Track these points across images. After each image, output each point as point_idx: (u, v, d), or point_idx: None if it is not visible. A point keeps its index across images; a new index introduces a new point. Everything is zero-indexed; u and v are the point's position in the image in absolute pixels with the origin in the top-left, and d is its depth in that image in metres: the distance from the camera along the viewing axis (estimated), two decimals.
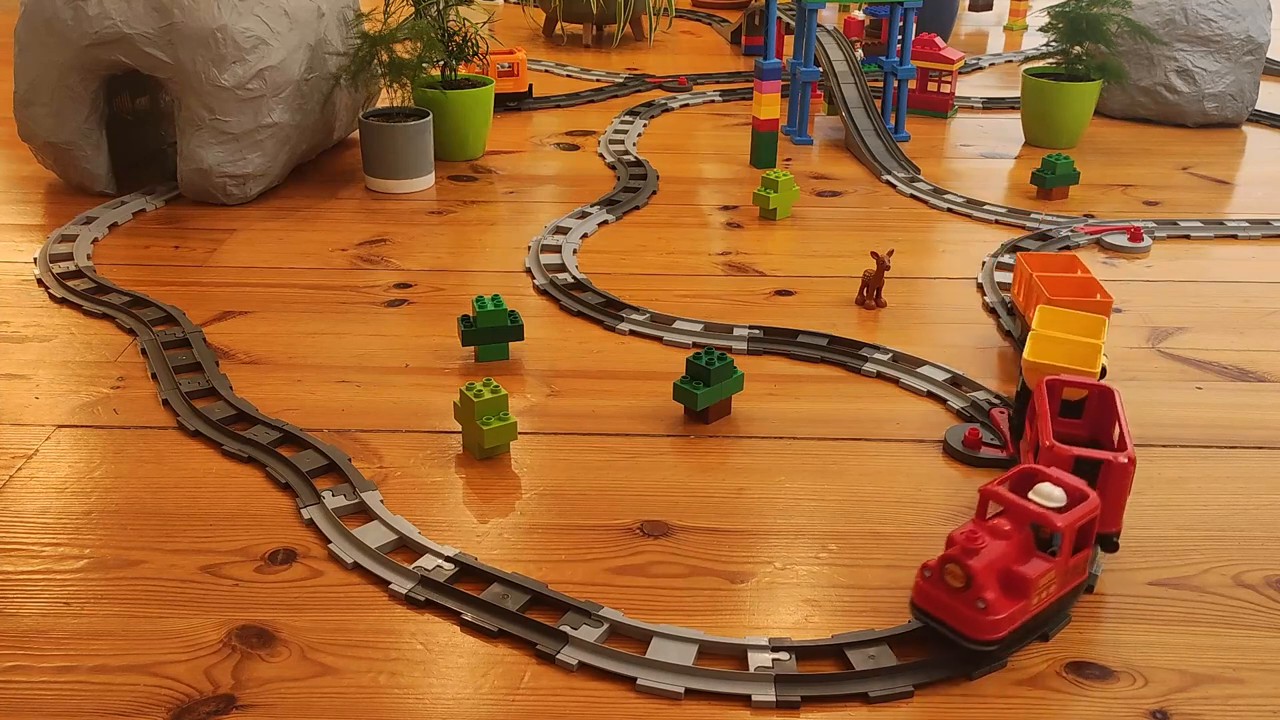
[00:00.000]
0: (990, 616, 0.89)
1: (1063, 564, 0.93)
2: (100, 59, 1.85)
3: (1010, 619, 0.90)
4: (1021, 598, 0.90)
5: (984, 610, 0.89)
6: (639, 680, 0.90)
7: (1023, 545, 0.92)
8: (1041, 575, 0.91)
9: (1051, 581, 0.92)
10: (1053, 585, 0.93)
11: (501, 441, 1.20)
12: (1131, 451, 0.99)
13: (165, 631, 0.95)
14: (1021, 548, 0.92)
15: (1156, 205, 2.04)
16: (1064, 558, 0.93)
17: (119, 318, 1.52)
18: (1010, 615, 0.90)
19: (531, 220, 1.92)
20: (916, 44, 2.56)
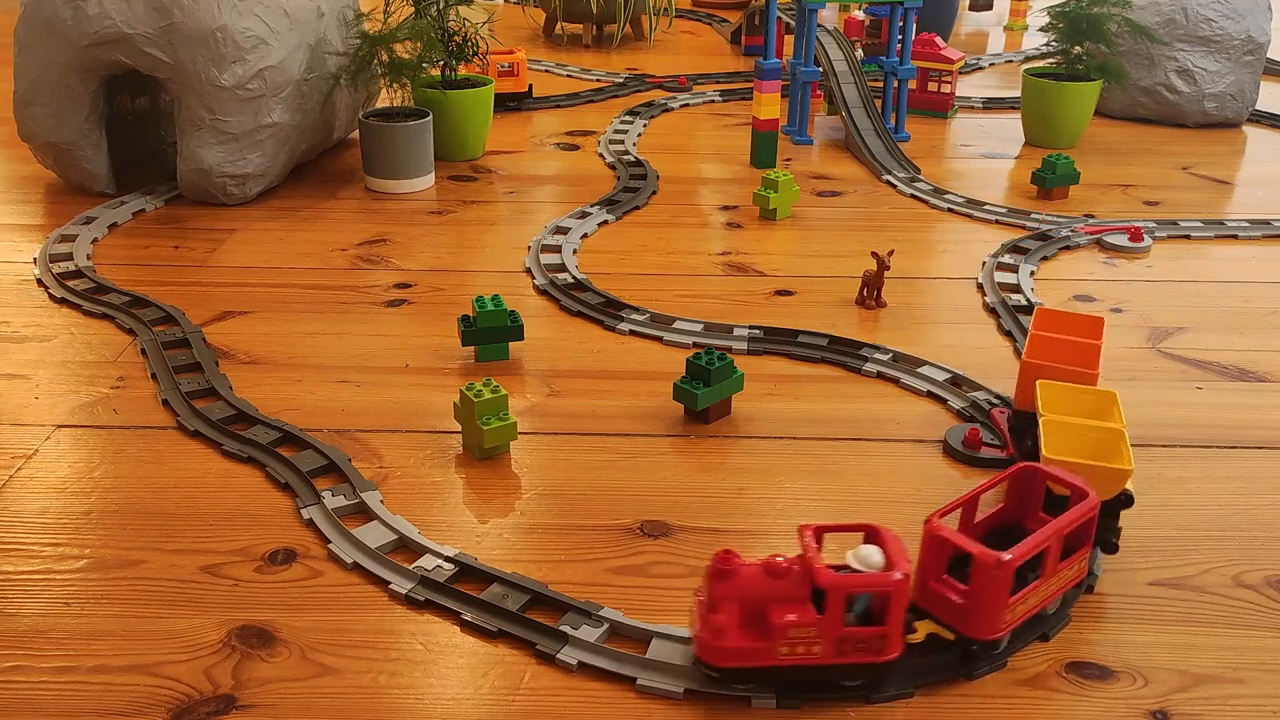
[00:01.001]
0: (717, 642, 0.85)
1: (831, 625, 0.85)
2: (100, 59, 1.85)
3: (740, 654, 0.85)
4: (763, 639, 0.85)
5: (713, 634, 0.86)
6: (639, 680, 0.90)
7: (793, 590, 0.85)
8: (792, 625, 0.84)
9: (813, 639, 0.85)
10: (816, 645, 0.85)
11: (501, 441, 1.20)
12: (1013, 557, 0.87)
13: (165, 631, 0.95)
14: (791, 592, 0.85)
15: (1156, 205, 2.04)
16: (832, 619, 0.85)
17: (119, 318, 1.52)
18: (740, 650, 0.85)
19: (531, 220, 1.92)
20: (916, 44, 2.56)
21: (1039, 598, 0.93)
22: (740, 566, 0.86)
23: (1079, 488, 0.94)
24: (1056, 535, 0.90)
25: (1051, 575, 0.92)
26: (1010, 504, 0.99)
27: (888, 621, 0.86)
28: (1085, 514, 0.93)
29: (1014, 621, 0.91)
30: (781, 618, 0.85)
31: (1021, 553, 0.87)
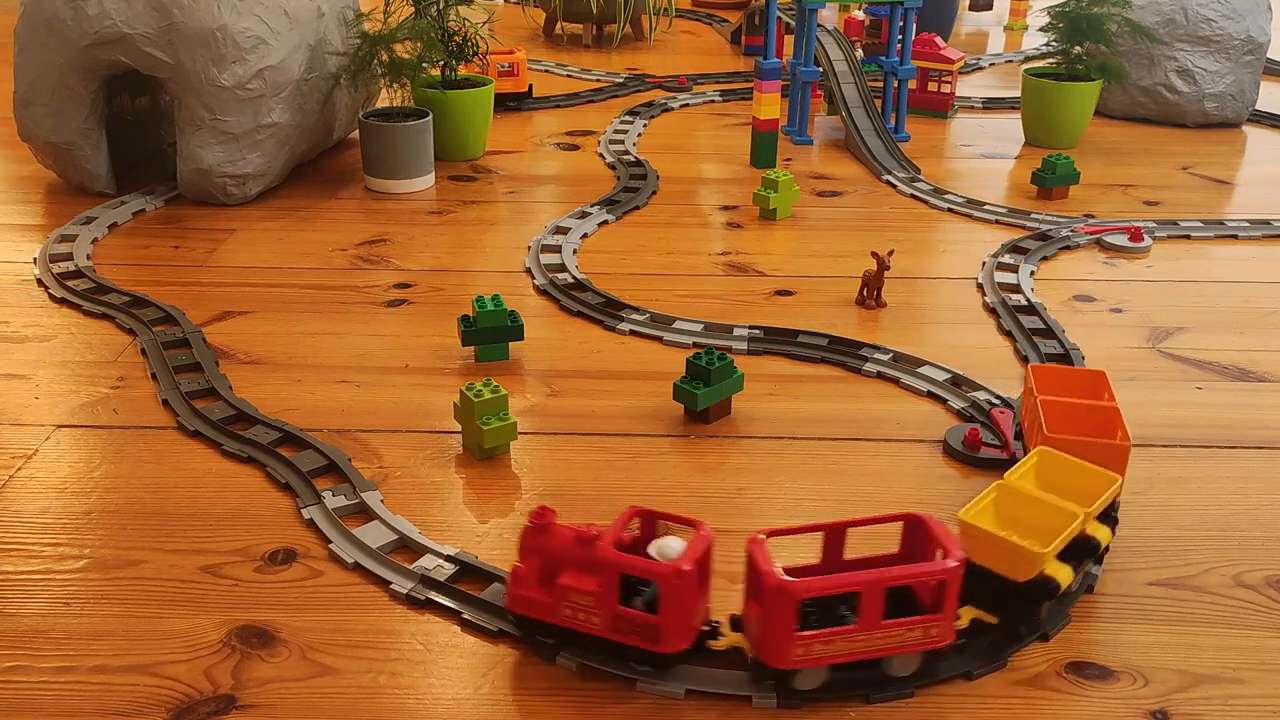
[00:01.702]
0: (514, 588, 0.91)
1: (606, 600, 0.87)
2: (100, 59, 1.85)
3: (529, 604, 0.90)
4: (550, 596, 0.89)
5: (513, 580, 0.91)
6: (639, 681, 0.90)
7: (591, 561, 0.88)
8: (571, 590, 0.88)
9: (592, 610, 0.88)
10: (595, 616, 0.88)
11: (501, 441, 1.20)
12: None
13: (165, 631, 0.95)
14: (589, 562, 0.88)
15: (1156, 205, 2.04)
16: (607, 594, 0.87)
17: (119, 318, 1.52)
18: (529, 600, 0.90)
19: (531, 220, 1.92)
20: (916, 44, 2.56)
21: (856, 646, 0.86)
22: (553, 526, 0.91)
23: (949, 550, 0.87)
24: (871, 584, 0.84)
25: (875, 628, 0.86)
26: (902, 549, 0.94)
27: (661, 612, 0.86)
28: (924, 574, 0.86)
29: (818, 659, 0.86)
30: (572, 581, 0.88)
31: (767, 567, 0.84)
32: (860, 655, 0.87)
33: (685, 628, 0.88)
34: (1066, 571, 0.92)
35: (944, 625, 0.88)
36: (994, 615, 0.93)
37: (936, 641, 0.88)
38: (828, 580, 0.85)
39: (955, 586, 0.86)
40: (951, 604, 0.87)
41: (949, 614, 0.87)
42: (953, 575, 0.86)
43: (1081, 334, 1.50)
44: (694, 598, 0.87)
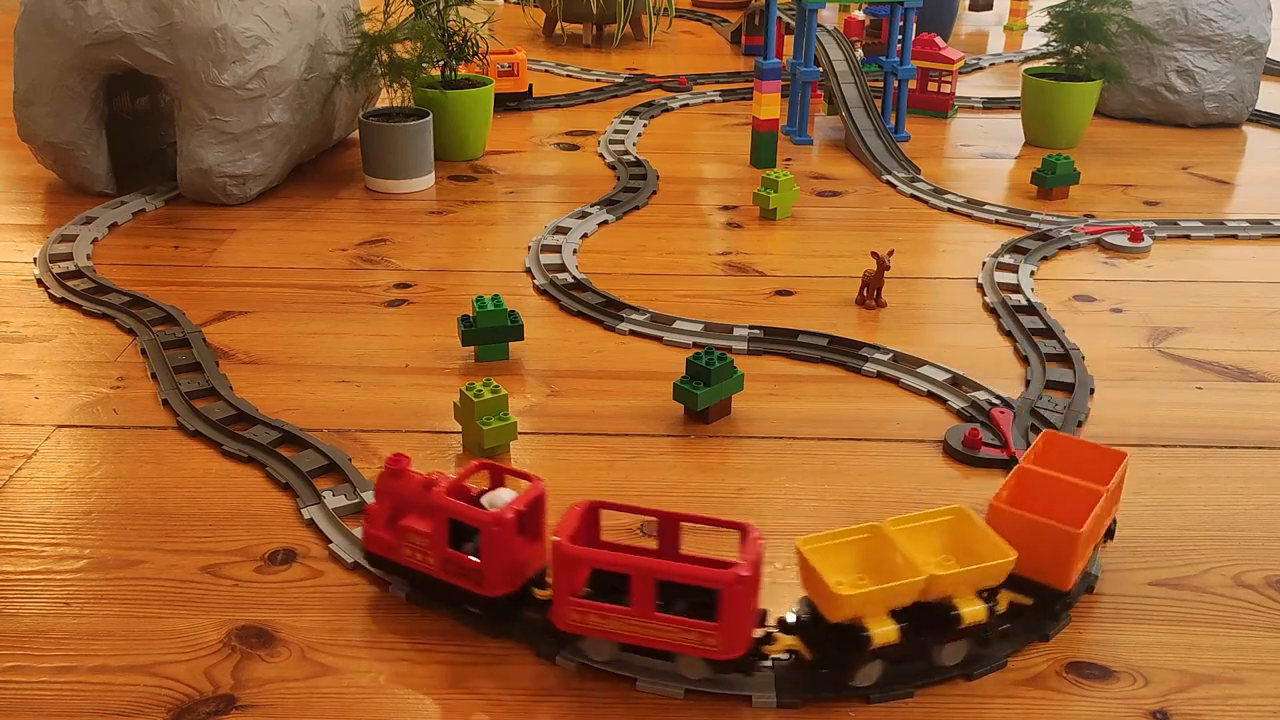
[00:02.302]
0: (367, 525, 0.98)
1: (437, 542, 0.94)
2: (100, 59, 1.85)
3: (377, 542, 0.98)
4: (394, 536, 0.96)
5: (367, 518, 0.98)
6: (639, 681, 0.90)
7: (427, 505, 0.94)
8: (411, 531, 0.95)
9: (427, 550, 0.94)
10: (430, 557, 0.95)
11: (501, 441, 1.20)
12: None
13: (165, 631, 0.95)
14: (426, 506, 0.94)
15: (1156, 205, 2.04)
16: (437, 536, 0.93)
17: (119, 318, 1.52)
18: (378, 539, 0.97)
19: (531, 220, 1.92)
20: (916, 44, 2.56)
21: (631, 629, 0.87)
22: (406, 472, 0.97)
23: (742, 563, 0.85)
24: (639, 570, 0.85)
25: (649, 617, 0.86)
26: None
27: (482, 557, 0.91)
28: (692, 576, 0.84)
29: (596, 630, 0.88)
30: (405, 521, 0.95)
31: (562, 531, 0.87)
32: (640, 641, 0.88)
33: (508, 574, 0.92)
34: (890, 631, 0.85)
35: (722, 636, 0.85)
36: (809, 652, 0.88)
37: (715, 652, 0.86)
38: (600, 553, 0.88)
39: (734, 599, 0.83)
40: (731, 617, 0.84)
41: (727, 626, 0.84)
42: (729, 587, 0.83)
43: (1081, 334, 1.50)
44: (514, 546, 0.92)
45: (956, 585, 0.87)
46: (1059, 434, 1.06)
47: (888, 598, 0.85)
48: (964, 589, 0.88)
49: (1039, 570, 0.93)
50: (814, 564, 0.86)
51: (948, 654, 0.90)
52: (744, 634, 0.86)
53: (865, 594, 0.85)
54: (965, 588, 0.88)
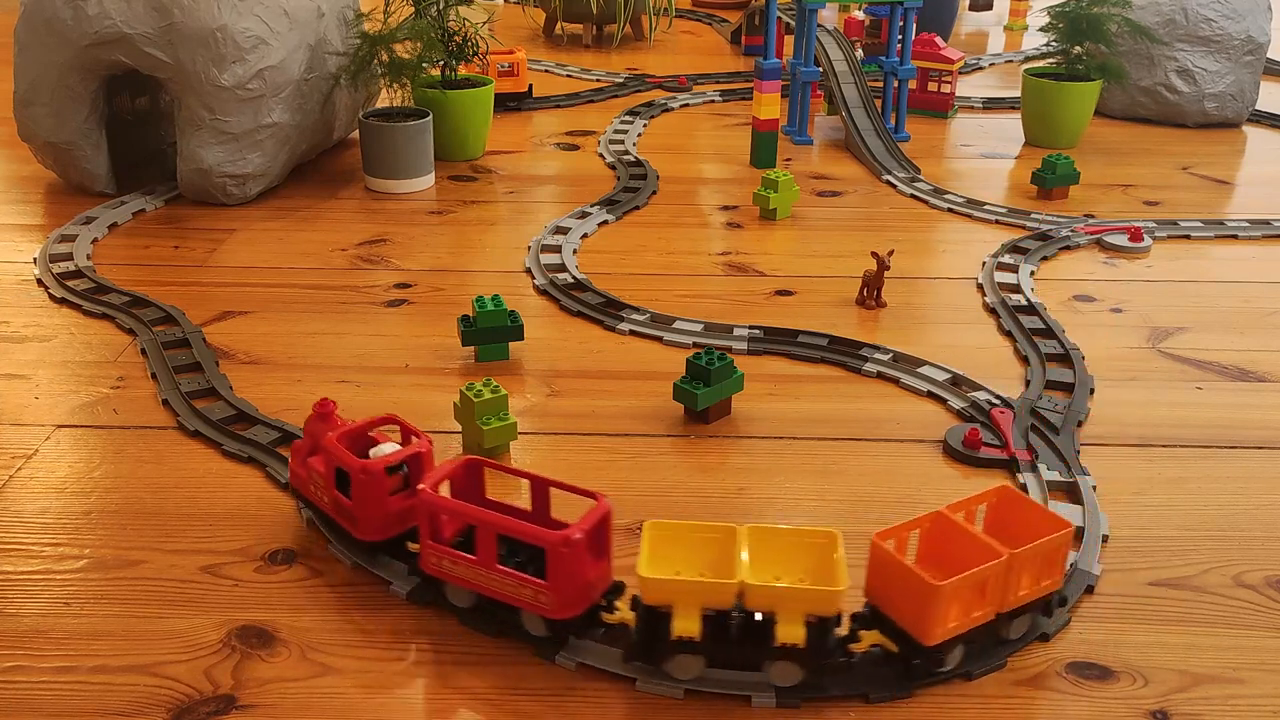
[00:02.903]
0: (290, 461, 1.08)
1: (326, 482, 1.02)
2: (100, 59, 1.85)
3: (295, 476, 1.07)
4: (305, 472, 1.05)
5: (291, 453, 1.08)
6: (639, 681, 0.90)
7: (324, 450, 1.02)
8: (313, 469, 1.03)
9: (323, 489, 1.03)
10: (325, 495, 1.03)
11: (501, 441, 1.20)
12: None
13: (165, 631, 0.95)
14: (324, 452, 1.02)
15: (1156, 205, 2.04)
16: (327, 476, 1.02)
17: (119, 318, 1.52)
18: (295, 474, 1.07)
19: (531, 220, 1.92)
20: (916, 44, 2.56)
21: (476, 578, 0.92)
22: (330, 417, 1.05)
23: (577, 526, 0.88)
24: (483, 522, 0.90)
25: (490, 568, 0.91)
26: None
27: (353, 501, 0.99)
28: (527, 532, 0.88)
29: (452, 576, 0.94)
30: (311, 460, 1.04)
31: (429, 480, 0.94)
32: (487, 592, 0.92)
33: (377, 521, 1.00)
34: (690, 626, 0.85)
35: (552, 595, 0.88)
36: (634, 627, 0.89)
37: (548, 610, 0.90)
38: (450, 502, 0.94)
39: (560, 560, 0.87)
40: (559, 577, 0.88)
41: (555, 586, 0.88)
42: (554, 548, 0.87)
43: (1081, 334, 1.50)
44: (382, 494, 0.98)
45: (777, 601, 0.84)
46: (1012, 490, 0.96)
47: (696, 591, 0.85)
48: (788, 607, 0.84)
49: (904, 618, 0.88)
50: (643, 543, 0.88)
51: (775, 672, 0.87)
52: (574, 596, 0.89)
53: (669, 581, 0.85)
54: (789, 606, 0.84)
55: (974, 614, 0.88)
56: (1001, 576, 0.88)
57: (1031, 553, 0.88)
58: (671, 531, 0.90)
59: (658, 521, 0.91)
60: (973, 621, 0.88)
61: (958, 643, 0.89)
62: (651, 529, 0.90)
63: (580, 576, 0.89)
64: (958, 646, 0.89)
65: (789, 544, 0.89)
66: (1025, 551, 0.88)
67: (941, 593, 0.84)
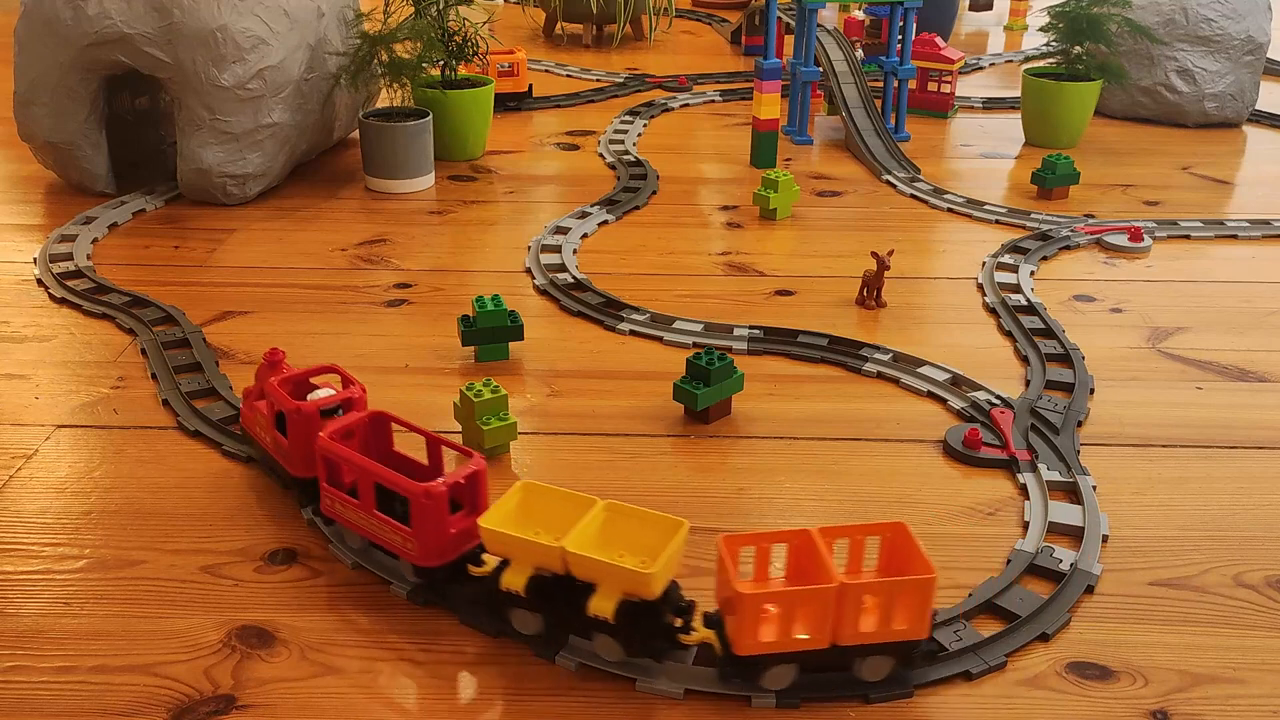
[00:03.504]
0: (241, 404, 1.17)
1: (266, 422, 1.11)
2: (100, 59, 1.85)
3: (244, 417, 1.16)
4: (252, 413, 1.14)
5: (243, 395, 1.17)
6: (639, 682, 0.90)
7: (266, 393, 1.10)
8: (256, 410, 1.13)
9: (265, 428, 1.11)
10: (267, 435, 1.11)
11: (501, 441, 1.20)
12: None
13: (165, 631, 0.95)
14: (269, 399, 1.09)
15: (1156, 205, 2.04)
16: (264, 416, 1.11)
17: (119, 318, 1.52)
18: (244, 415, 1.16)
19: (531, 220, 1.92)
20: (916, 44, 2.56)
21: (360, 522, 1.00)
22: (279, 365, 1.13)
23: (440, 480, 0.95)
24: (364, 471, 0.97)
25: (370, 514, 0.98)
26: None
27: (289, 437, 1.06)
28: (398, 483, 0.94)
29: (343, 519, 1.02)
30: (257, 402, 1.13)
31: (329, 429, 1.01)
32: (370, 536, 1.00)
33: (306, 458, 1.06)
34: (516, 580, 0.89)
35: (417, 544, 0.95)
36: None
37: (415, 557, 0.96)
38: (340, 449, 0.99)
39: (421, 510, 0.93)
40: (421, 526, 0.94)
41: (418, 534, 0.94)
42: (416, 498, 0.93)
43: (1081, 334, 1.50)
44: (311, 434, 1.04)
45: (595, 573, 0.87)
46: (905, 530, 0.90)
47: (524, 548, 0.89)
48: (606, 581, 0.87)
49: (727, 623, 0.87)
50: (506, 498, 0.93)
51: (599, 645, 0.89)
52: (437, 546, 0.95)
53: (500, 534, 0.90)
54: (607, 580, 0.87)
55: (798, 636, 0.85)
56: (832, 604, 0.84)
57: (873, 588, 0.85)
58: (544, 495, 0.94)
59: (530, 483, 0.95)
60: (797, 644, 0.85)
61: (780, 662, 0.86)
62: (522, 489, 0.94)
63: (443, 527, 0.94)
64: (781, 666, 0.86)
65: (641, 525, 0.91)
66: (862, 585, 0.84)
67: (746, 600, 0.83)
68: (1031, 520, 1.10)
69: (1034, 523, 1.09)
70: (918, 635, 0.87)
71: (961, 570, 1.04)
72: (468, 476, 0.96)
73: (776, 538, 0.91)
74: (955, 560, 1.05)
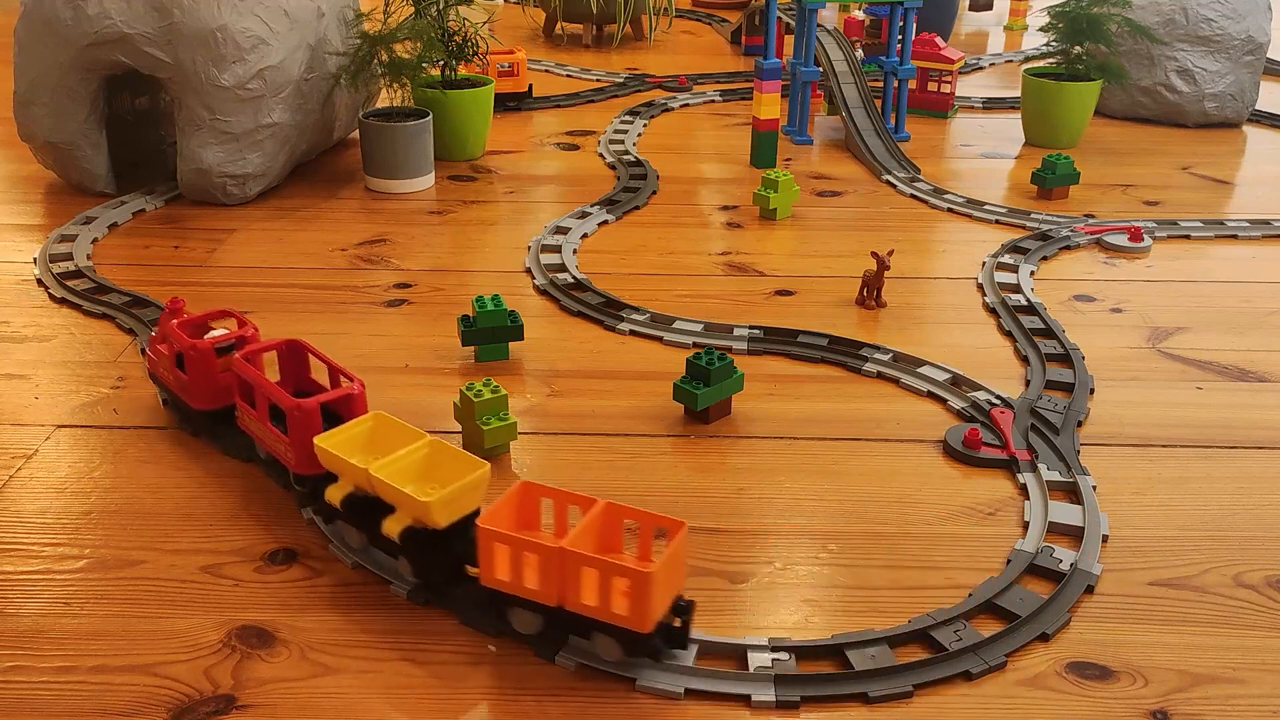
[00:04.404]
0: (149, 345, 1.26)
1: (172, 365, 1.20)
2: (100, 59, 1.85)
3: (150, 360, 1.26)
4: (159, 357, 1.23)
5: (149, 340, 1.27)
6: (639, 681, 0.90)
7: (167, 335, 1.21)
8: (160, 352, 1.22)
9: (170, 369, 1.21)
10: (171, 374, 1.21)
11: (501, 441, 1.20)
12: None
13: (165, 631, 0.95)
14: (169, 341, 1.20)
15: (1156, 205, 2.04)
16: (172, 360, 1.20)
17: (119, 318, 1.52)
18: (151, 358, 1.25)
19: (531, 220, 1.92)
20: (916, 44, 2.56)
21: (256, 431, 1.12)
22: (179, 314, 1.23)
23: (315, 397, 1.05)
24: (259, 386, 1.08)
25: (265, 425, 1.09)
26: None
27: (188, 373, 1.17)
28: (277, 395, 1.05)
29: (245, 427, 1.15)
30: (162, 346, 1.22)
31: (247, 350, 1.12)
32: (265, 445, 1.11)
33: (208, 393, 1.18)
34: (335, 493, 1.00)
35: (292, 452, 1.06)
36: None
37: (292, 465, 1.07)
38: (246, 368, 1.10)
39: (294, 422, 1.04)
40: (295, 437, 1.05)
41: (293, 444, 1.05)
42: (290, 412, 1.04)
43: (1081, 334, 1.50)
44: (211, 370, 1.16)
45: (389, 495, 0.95)
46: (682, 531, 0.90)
47: (342, 467, 0.99)
48: (400, 505, 0.95)
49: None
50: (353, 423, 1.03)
51: (401, 566, 0.99)
52: (309, 456, 1.04)
53: (324, 451, 0.99)
54: (400, 505, 0.95)
55: (529, 585, 0.89)
56: (555, 564, 0.87)
57: (594, 563, 0.86)
58: (389, 426, 1.03)
59: (382, 414, 1.04)
60: (529, 593, 0.90)
61: (523, 607, 0.91)
62: (374, 418, 1.04)
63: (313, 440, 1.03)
64: (525, 611, 0.91)
65: (454, 462, 0.98)
66: (581, 555, 0.87)
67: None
68: (1031, 520, 1.10)
69: (1034, 523, 1.09)
70: (638, 627, 0.87)
71: (961, 570, 1.04)
72: (341, 397, 1.07)
73: (573, 499, 0.94)
74: (955, 560, 1.05)
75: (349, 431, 1.02)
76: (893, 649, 0.93)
